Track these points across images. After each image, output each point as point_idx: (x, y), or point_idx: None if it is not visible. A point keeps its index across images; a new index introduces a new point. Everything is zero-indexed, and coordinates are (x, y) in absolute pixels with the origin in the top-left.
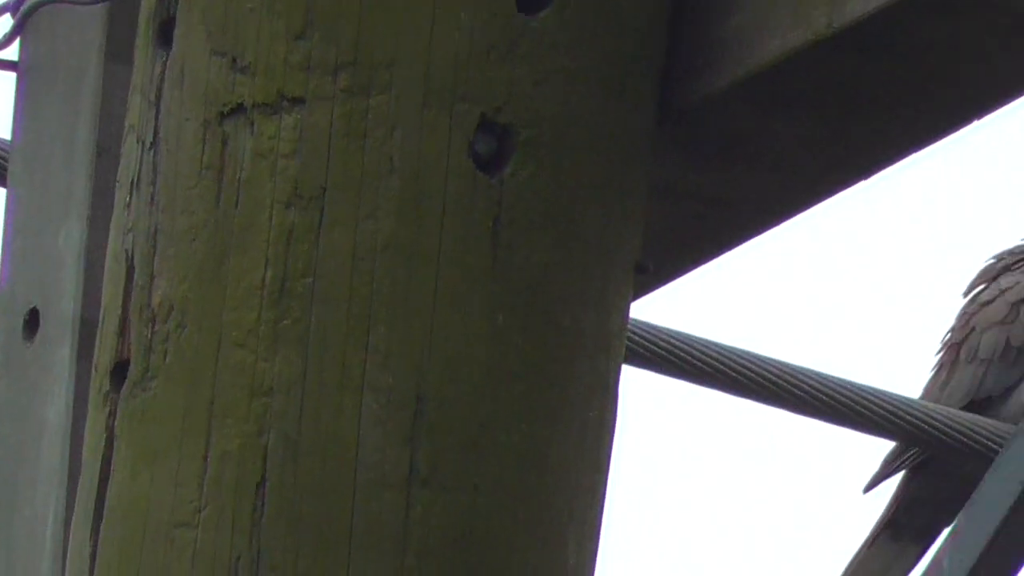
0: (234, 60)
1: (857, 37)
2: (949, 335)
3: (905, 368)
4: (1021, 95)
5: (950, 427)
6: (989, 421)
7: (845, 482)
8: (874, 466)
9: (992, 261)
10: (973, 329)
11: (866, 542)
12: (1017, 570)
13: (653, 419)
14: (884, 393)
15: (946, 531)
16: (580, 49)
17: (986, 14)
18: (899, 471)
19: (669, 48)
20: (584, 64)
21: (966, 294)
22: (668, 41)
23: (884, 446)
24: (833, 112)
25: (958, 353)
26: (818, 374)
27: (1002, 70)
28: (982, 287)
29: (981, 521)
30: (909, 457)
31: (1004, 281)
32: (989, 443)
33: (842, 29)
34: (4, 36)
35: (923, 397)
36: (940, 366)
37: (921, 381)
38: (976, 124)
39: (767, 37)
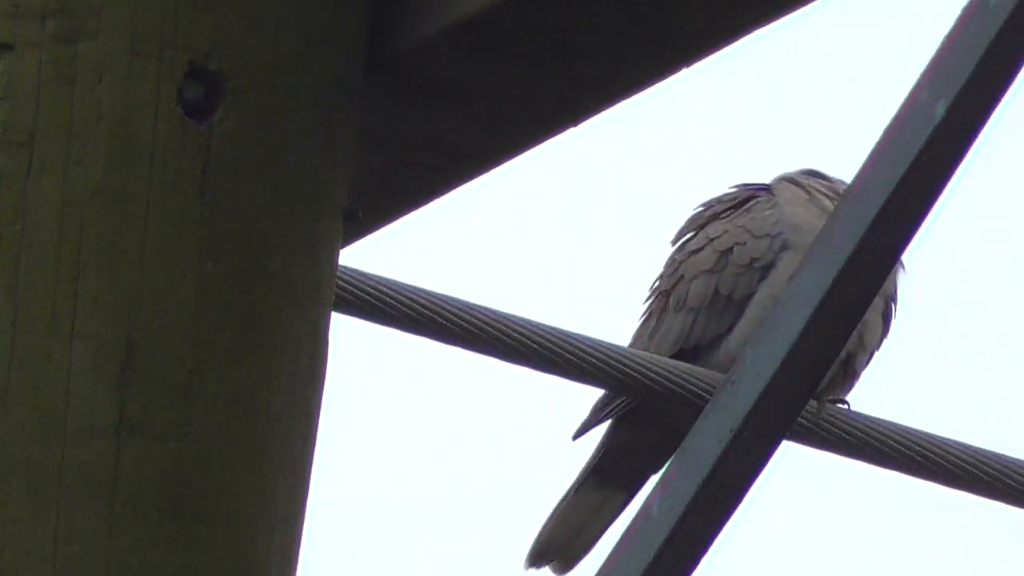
0: None
1: None
2: (658, 283)
3: (614, 316)
4: (727, 44)
5: (660, 375)
6: (698, 369)
7: (555, 429)
8: (583, 413)
9: (700, 209)
10: (682, 277)
11: (572, 488)
12: (726, 518)
13: (363, 366)
14: (594, 341)
15: (654, 478)
16: None
17: None
18: (608, 418)
19: None
20: (291, 11)
21: (674, 242)
22: None
23: (595, 393)
24: (541, 60)
25: (667, 301)
26: (527, 321)
27: (709, 20)
28: (691, 235)
29: (690, 469)
30: (618, 405)
31: (712, 230)
32: (698, 391)
33: None
34: None
35: (632, 345)
36: (649, 314)
37: (631, 328)
38: (684, 72)
39: None
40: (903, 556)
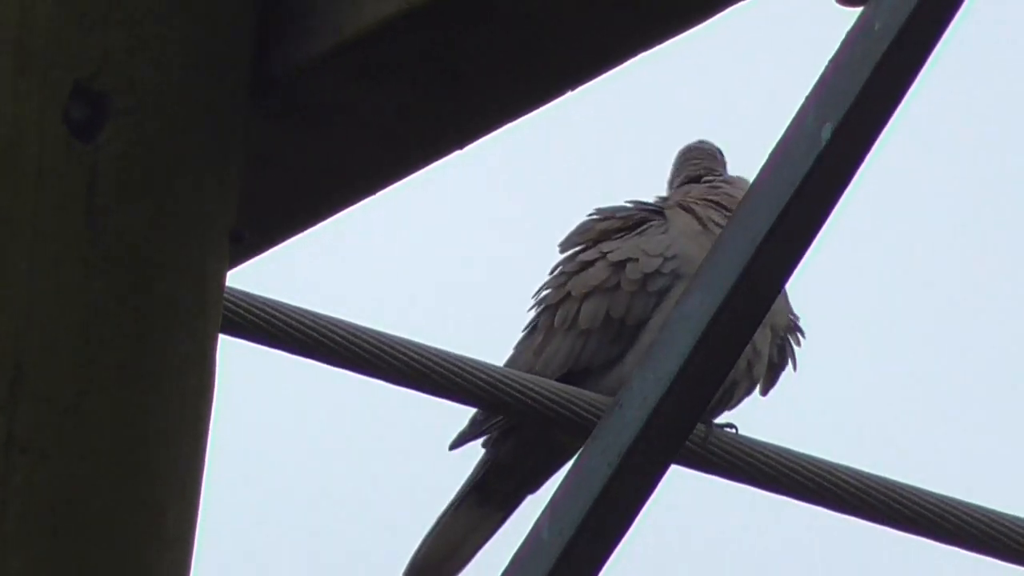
0: None
1: (452, 6)
2: (545, 292)
3: (501, 336)
4: (613, 66)
5: (547, 398)
6: (586, 393)
7: (433, 437)
8: (461, 422)
9: (594, 216)
10: (569, 294)
11: (452, 504)
12: (616, 541)
13: (251, 388)
14: (481, 363)
15: (531, 499)
16: (175, 15)
17: None
18: (487, 432)
19: (264, 17)
20: (178, 32)
21: (563, 248)
22: (263, 10)
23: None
24: (428, 82)
25: (553, 318)
26: (414, 343)
27: (595, 42)
28: (582, 247)
29: (579, 492)
30: (498, 420)
31: (605, 246)
32: (585, 414)
33: None
34: None
35: (516, 357)
36: (534, 327)
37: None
38: (570, 94)
39: (362, 5)
40: None
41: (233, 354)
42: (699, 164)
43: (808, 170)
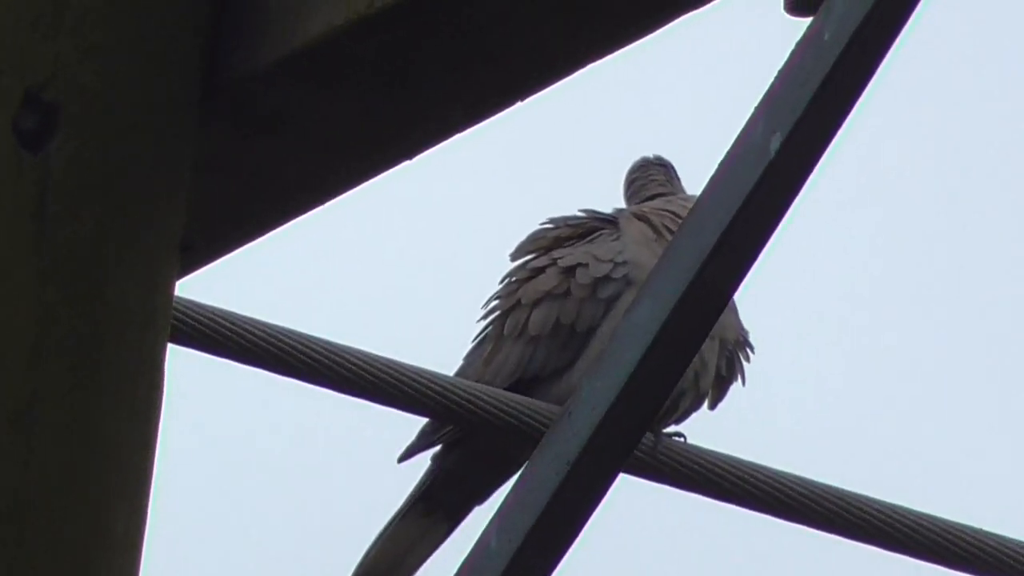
0: None
1: (401, 16)
2: (495, 301)
3: (451, 345)
4: (563, 77)
5: (496, 407)
6: (535, 402)
7: (382, 450)
8: (410, 435)
9: (546, 225)
10: (519, 301)
11: (398, 514)
12: (564, 550)
13: (199, 397)
14: (430, 373)
15: (478, 510)
16: (125, 22)
17: None
18: (437, 444)
19: (215, 23)
20: (128, 40)
21: (514, 257)
22: (214, 16)
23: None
24: (378, 90)
25: (503, 326)
26: (363, 353)
27: (546, 51)
28: (533, 255)
29: (528, 501)
30: (447, 432)
31: (556, 253)
32: (535, 424)
33: (388, 6)
34: None
35: (467, 367)
36: (485, 337)
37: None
38: (519, 105)
39: (311, 14)
40: None
41: (182, 363)
42: (656, 181)
43: (757, 181)
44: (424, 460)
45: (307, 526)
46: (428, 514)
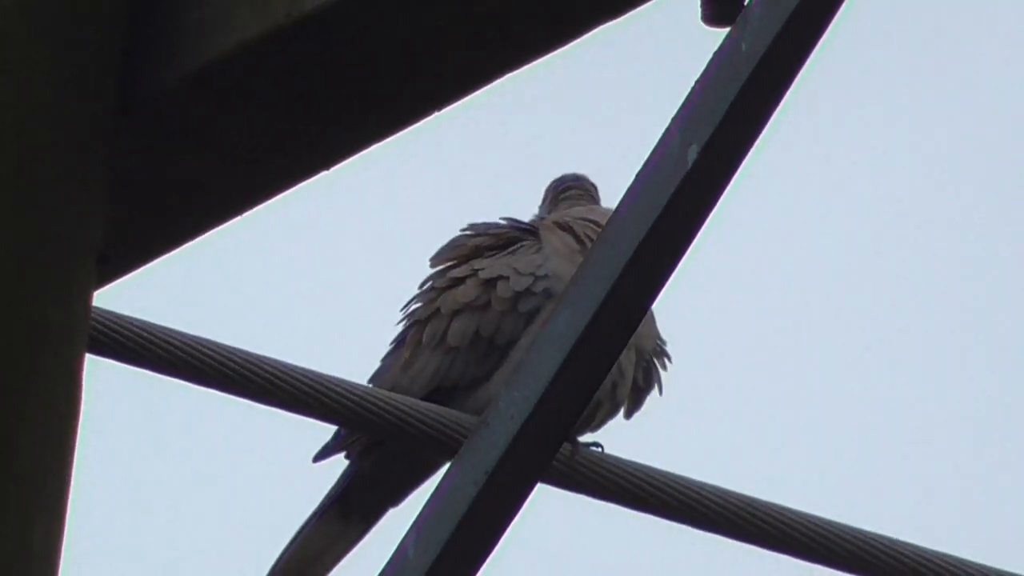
0: None
1: (317, 29)
2: (414, 307)
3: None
4: (479, 88)
5: (413, 418)
6: (453, 412)
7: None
8: (326, 435)
9: (467, 232)
10: (438, 311)
11: (313, 516)
12: (482, 561)
13: (118, 408)
14: (347, 383)
15: (393, 511)
16: (39, 40)
17: (453, 7)
18: (352, 447)
19: (131, 39)
20: (42, 55)
21: (434, 263)
22: (130, 32)
23: None
24: (295, 103)
25: (422, 334)
26: (280, 363)
27: (462, 63)
28: (452, 263)
29: (445, 511)
30: (362, 435)
31: (476, 263)
32: (452, 433)
33: (301, 20)
34: None
35: (383, 372)
36: (402, 341)
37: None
38: (436, 115)
39: (228, 28)
40: None
41: (100, 373)
42: (589, 193)
43: (674, 191)
44: (339, 461)
45: (223, 528)
46: (343, 516)
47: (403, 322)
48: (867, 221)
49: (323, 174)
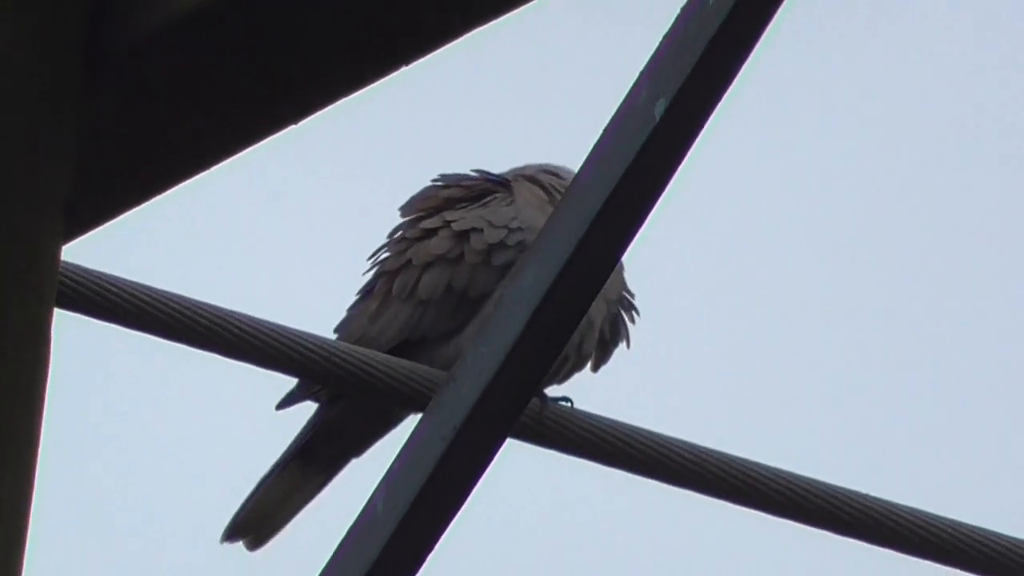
0: None
1: None
2: (384, 256)
3: (336, 308)
4: (448, 42)
5: (381, 372)
6: (421, 367)
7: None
8: (290, 383)
9: (438, 183)
10: (409, 262)
11: (277, 465)
12: (451, 516)
13: (86, 363)
14: (317, 337)
15: (355, 462)
16: None
17: None
18: (316, 396)
19: None
20: (8, 7)
21: (404, 212)
22: None
23: None
24: (261, 56)
25: (391, 285)
26: (249, 317)
27: (429, 18)
28: (423, 214)
29: (414, 467)
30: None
31: (449, 214)
32: (420, 388)
33: None
34: None
35: (349, 322)
36: (369, 291)
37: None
38: (404, 70)
39: None
40: (628, 554)
41: (69, 327)
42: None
43: (642, 145)
44: (303, 410)
45: (185, 478)
46: (305, 465)
47: (371, 271)
48: (835, 175)
49: (292, 128)
